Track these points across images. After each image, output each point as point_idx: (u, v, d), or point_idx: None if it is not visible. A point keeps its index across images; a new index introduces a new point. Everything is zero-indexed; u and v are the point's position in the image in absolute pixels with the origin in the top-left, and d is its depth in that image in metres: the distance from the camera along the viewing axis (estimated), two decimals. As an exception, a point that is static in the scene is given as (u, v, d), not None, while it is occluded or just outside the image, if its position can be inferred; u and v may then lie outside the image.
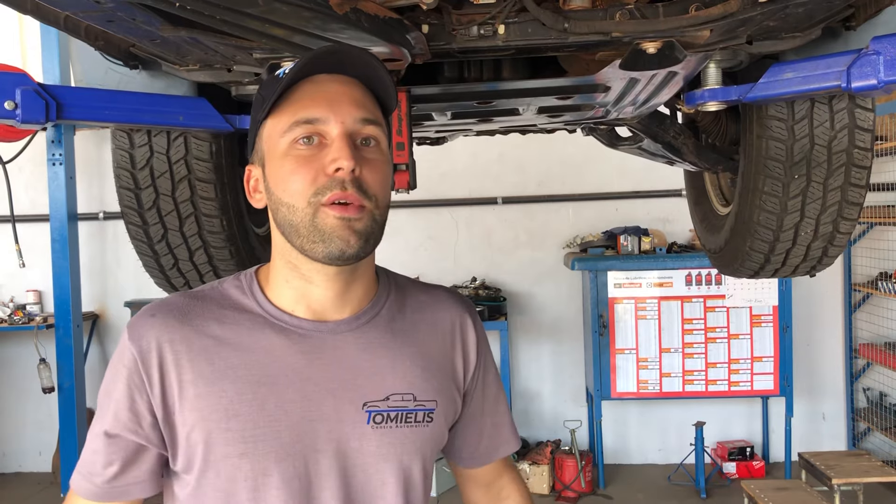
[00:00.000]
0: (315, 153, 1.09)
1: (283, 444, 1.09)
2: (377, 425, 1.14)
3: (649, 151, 2.75)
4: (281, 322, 1.14)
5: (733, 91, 1.82)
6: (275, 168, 1.12)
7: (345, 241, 1.08)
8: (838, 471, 4.24)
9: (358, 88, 1.13)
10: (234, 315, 1.15)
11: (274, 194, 1.13)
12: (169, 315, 1.14)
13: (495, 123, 2.34)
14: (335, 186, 1.07)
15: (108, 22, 1.41)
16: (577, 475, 5.46)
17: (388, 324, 1.20)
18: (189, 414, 1.09)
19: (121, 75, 1.96)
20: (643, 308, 5.52)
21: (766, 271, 2.50)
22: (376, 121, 1.12)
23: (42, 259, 5.60)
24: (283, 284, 1.16)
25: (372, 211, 1.10)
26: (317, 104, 1.09)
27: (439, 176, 5.87)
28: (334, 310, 1.16)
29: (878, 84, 1.55)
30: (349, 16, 1.26)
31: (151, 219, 2.24)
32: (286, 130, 1.10)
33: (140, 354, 1.11)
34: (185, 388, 1.10)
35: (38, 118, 1.64)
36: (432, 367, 1.21)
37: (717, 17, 1.41)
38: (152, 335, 1.12)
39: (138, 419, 1.11)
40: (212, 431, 1.09)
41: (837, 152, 2.14)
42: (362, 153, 1.10)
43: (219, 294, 1.18)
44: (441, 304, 1.28)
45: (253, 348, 1.12)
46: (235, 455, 1.08)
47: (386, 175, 1.14)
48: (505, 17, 1.47)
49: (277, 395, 1.10)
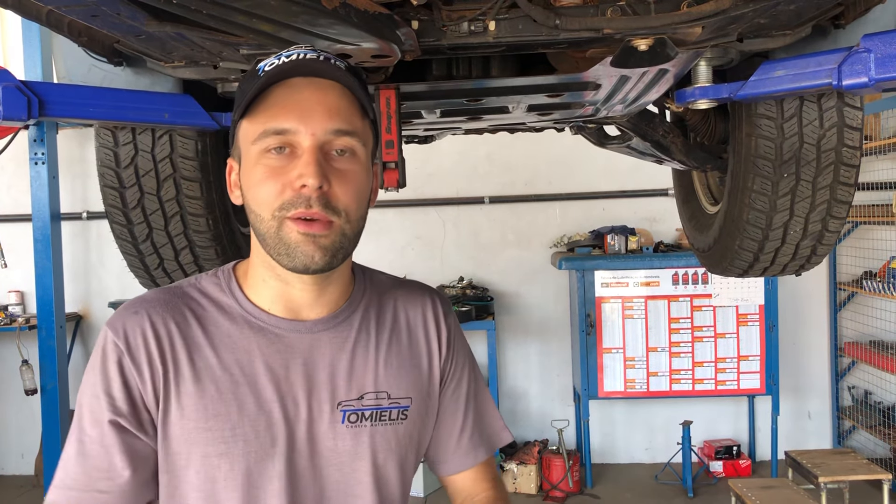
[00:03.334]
0: (285, 164, 1.07)
1: (262, 444, 1.09)
2: (352, 424, 1.14)
3: (638, 150, 2.74)
4: (259, 321, 1.14)
5: (724, 89, 1.81)
6: (246, 173, 1.12)
7: (308, 256, 1.07)
8: (824, 469, 4.25)
9: (334, 94, 1.10)
10: (214, 313, 1.15)
11: (246, 198, 1.13)
12: (153, 311, 1.13)
13: (484, 121, 2.32)
14: (300, 203, 1.06)
15: (91, 17, 1.38)
16: (564, 475, 5.46)
17: (364, 322, 1.20)
18: (173, 412, 1.09)
19: (105, 72, 1.93)
20: (630, 307, 5.52)
21: (755, 270, 2.50)
22: (352, 131, 1.10)
23: (24, 259, 5.54)
24: (260, 283, 1.16)
25: (341, 226, 1.09)
26: (289, 113, 1.07)
27: (427, 175, 5.85)
28: (311, 309, 1.16)
29: (869, 82, 1.54)
30: (338, 11, 1.24)
31: (136, 218, 2.22)
32: (257, 138, 1.09)
33: (129, 351, 1.10)
34: (170, 385, 1.10)
35: (20, 115, 1.61)
36: (406, 364, 1.22)
37: (708, 14, 1.40)
38: (138, 332, 1.11)
39: (135, 409, 1.10)
40: (191, 431, 1.09)
41: (826, 150, 2.14)
42: (334, 165, 1.08)
43: (197, 290, 1.17)
44: (413, 298, 1.28)
45: (233, 348, 1.12)
46: (215, 455, 1.08)
47: (359, 186, 1.11)
48: (496, 14, 1.46)
49: (256, 395, 1.10)
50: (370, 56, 1.46)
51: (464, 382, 1.31)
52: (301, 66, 1.09)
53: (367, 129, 1.14)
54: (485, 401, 1.35)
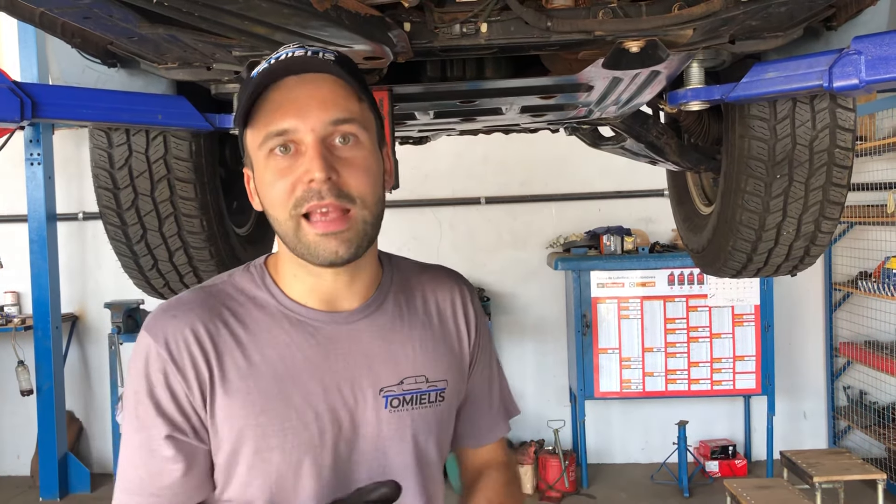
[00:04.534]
0: (292, 163, 1.09)
1: (311, 435, 1.12)
2: (394, 409, 1.17)
3: (632, 151, 2.75)
4: (298, 315, 1.16)
5: (716, 90, 1.82)
6: (259, 179, 1.13)
7: (332, 252, 1.09)
8: (819, 469, 4.26)
9: (327, 85, 1.11)
10: (252, 310, 1.16)
11: (263, 204, 1.15)
12: (191, 313, 1.13)
13: (478, 123, 2.33)
14: (312, 197, 1.07)
15: (84, 19, 1.38)
16: (560, 475, 5.47)
17: (396, 308, 1.23)
18: (220, 412, 1.11)
19: (99, 73, 1.94)
20: (626, 308, 5.53)
21: (748, 271, 2.51)
22: (351, 118, 1.10)
23: (20, 260, 5.53)
24: (292, 278, 1.17)
25: (359, 213, 1.10)
26: (285, 114, 1.09)
27: (423, 176, 5.85)
28: (345, 299, 1.18)
29: (859, 84, 1.55)
30: (329, 13, 1.25)
31: (130, 219, 2.22)
32: (261, 143, 1.10)
33: (171, 356, 1.10)
34: (216, 386, 1.11)
35: (13, 117, 1.61)
36: (440, 346, 1.24)
37: (699, 16, 1.41)
38: (179, 336, 1.11)
39: (188, 420, 1.11)
40: (242, 428, 1.10)
41: (819, 152, 2.15)
42: (339, 154, 1.10)
43: (233, 287, 1.18)
44: (441, 282, 1.31)
45: (274, 343, 1.14)
46: (266, 450, 1.10)
47: (371, 169, 1.12)
48: (488, 16, 1.47)
49: (301, 388, 1.12)
50: (362, 58, 1.47)
51: (490, 362, 1.35)
52: (289, 65, 1.10)
53: (367, 113, 1.15)
54: (503, 376, 1.40)
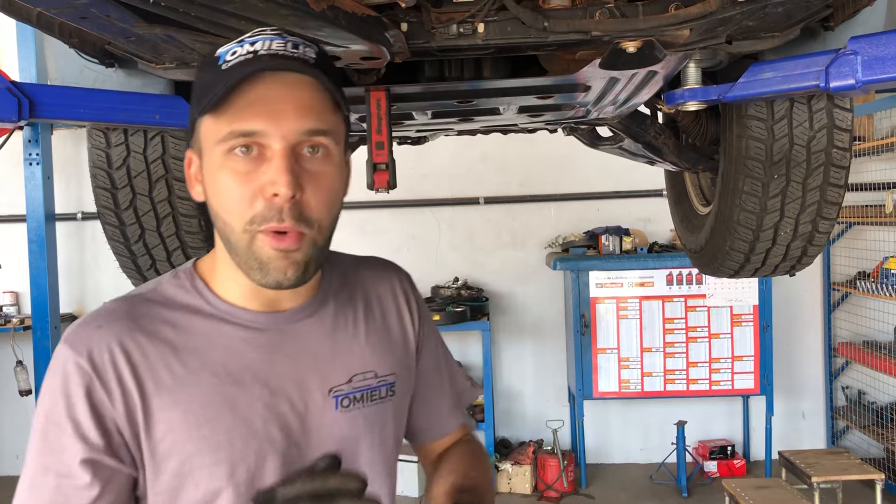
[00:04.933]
0: (253, 168, 1.01)
1: (260, 443, 1.05)
2: (345, 409, 1.12)
3: (630, 151, 2.75)
4: (236, 318, 1.09)
5: (713, 90, 1.82)
6: (210, 175, 1.04)
7: (282, 272, 1.02)
8: (818, 469, 4.27)
9: (307, 90, 1.03)
10: (185, 317, 1.08)
11: (211, 202, 1.06)
12: (116, 323, 1.04)
13: (476, 123, 2.33)
14: (272, 217, 1.00)
15: (81, 19, 1.38)
16: (559, 475, 5.47)
17: (338, 304, 1.18)
18: (156, 428, 1.02)
19: (96, 73, 1.93)
20: (624, 308, 5.53)
21: (746, 271, 2.51)
22: (325, 129, 1.03)
23: (19, 260, 5.53)
24: (230, 281, 1.10)
25: (313, 238, 1.03)
26: (257, 114, 1.00)
27: (421, 176, 5.85)
28: (286, 299, 1.12)
29: (855, 84, 1.55)
30: (326, 13, 1.25)
31: (128, 219, 2.22)
32: (222, 139, 1.01)
33: (94, 370, 1.01)
34: (149, 400, 1.02)
35: (10, 116, 1.61)
36: (386, 340, 1.21)
37: (696, 17, 1.41)
38: (104, 347, 1.02)
39: (109, 439, 1.01)
40: (184, 442, 1.02)
41: (816, 152, 2.15)
42: (306, 166, 1.02)
43: (160, 297, 1.09)
44: (379, 274, 1.28)
45: (212, 349, 1.06)
46: (211, 463, 1.03)
47: (333, 190, 1.06)
48: (485, 16, 1.47)
49: (246, 394, 1.05)
50: (359, 58, 1.47)
51: (436, 350, 1.32)
52: (269, 60, 1.01)
53: (340, 124, 1.08)
54: (452, 363, 1.37)
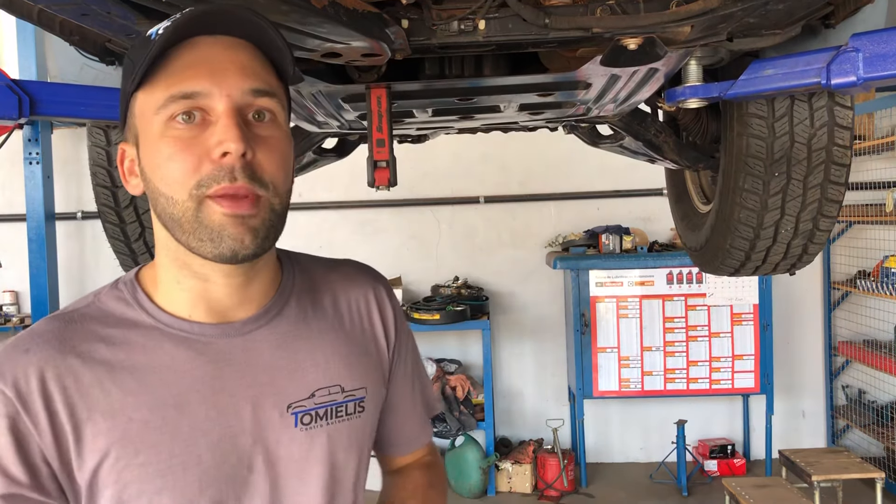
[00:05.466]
0: (197, 134, 0.93)
1: (206, 468, 0.96)
2: (306, 426, 1.03)
3: (630, 149, 2.75)
4: (179, 331, 1.00)
5: (714, 88, 1.82)
6: (150, 151, 0.96)
7: (237, 240, 0.93)
8: (818, 468, 4.27)
9: (247, 52, 0.96)
10: (123, 332, 0.99)
11: (151, 182, 0.97)
12: (46, 346, 0.96)
13: (477, 121, 2.33)
14: (223, 177, 0.91)
15: (82, 16, 1.38)
16: (559, 474, 5.47)
17: (300, 312, 1.08)
18: (90, 456, 0.94)
19: (97, 71, 1.93)
20: (625, 307, 5.53)
21: (746, 269, 2.51)
22: (271, 91, 0.97)
23: (19, 259, 5.54)
24: (174, 287, 1.01)
25: (269, 200, 0.95)
26: (197, 74, 0.93)
27: (422, 175, 5.86)
28: (238, 307, 1.03)
29: (857, 81, 1.55)
30: (327, 10, 1.25)
31: (129, 217, 2.23)
32: (161, 106, 0.94)
33: (20, 398, 0.92)
34: (81, 427, 0.94)
35: (11, 114, 1.62)
36: (355, 351, 1.10)
37: (697, 14, 1.41)
38: (31, 373, 0.93)
39: (34, 473, 0.93)
40: (121, 471, 0.94)
41: (817, 150, 2.15)
42: (255, 131, 0.95)
43: (98, 311, 1.01)
44: (352, 280, 1.16)
45: (152, 367, 0.97)
46: (152, 492, 0.94)
47: (285, 154, 0.98)
48: (485, 13, 1.47)
49: (190, 416, 0.96)
50: (360, 55, 1.47)
51: (410, 362, 1.23)
52: (203, 22, 0.94)
53: (283, 90, 1.01)
54: (424, 373, 1.29)
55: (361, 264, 1.23)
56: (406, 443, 1.27)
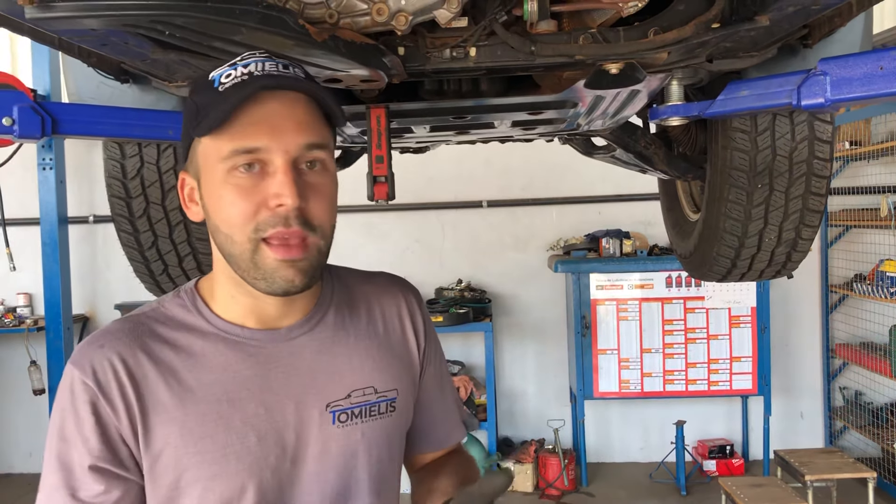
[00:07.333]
0: (256, 183, 1.04)
1: (255, 459, 1.08)
2: (342, 424, 1.14)
3: (622, 160, 2.85)
4: (233, 336, 1.12)
5: (694, 107, 1.91)
6: (212, 192, 1.07)
7: (288, 281, 1.06)
8: (811, 468, 4.35)
9: (302, 107, 1.07)
10: (184, 335, 1.12)
11: (212, 218, 1.09)
12: (118, 343, 1.09)
13: (472, 135, 2.43)
14: (278, 223, 1.04)
15: (101, 45, 1.49)
16: (560, 473, 5.56)
17: (338, 320, 1.20)
18: (154, 444, 1.06)
19: (112, 89, 2.03)
20: (624, 309, 5.62)
21: (733, 276, 2.60)
22: (323, 143, 1.08)
23: (33, 262, 5.65)
24: (229, 300, 1.14)
25: (317, 243, 1.08)
26: (259, 131, 1.04)
27: (426, 180, 5.95)
28: (284, 316, 1.15)
29: (825, 102, 1.65)
30: (328, 42, 1.34)
31: (142, 226, 2.32)
32: (226, 157, 1.05)
33: (99, 387, 1.06)
34: (149, 416, 1.06)
35: (35, 133, 1.71)
36: (387, 355, 1.22)
37: (672, 42, 1.50)
38: (107, 366, 1.07)
39: (115, 451, 1.06)
40: (181, 457, 1.06)
41: (798, 162, 2.24)
42: (307, 179, 1.06)
43: (162, 315, 1.14)
44: (385, 290, 1.28)
45: (209, 367, 1.10)
46: (207, 478, 1.06)
47: (332, 198, 1.11)
48: (476, 41, 1.56)
49: (241, 411, 1.09)
50: (359, 80, 1.57)
51: (441, 367, 1.34)
52: (267, 82, 1.05)
53: (331, 136, 1.13)
54: (452, 382, 1.39)
55: (394, 276, 1.35)
56: (438, 440, 1.36)
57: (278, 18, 1.26)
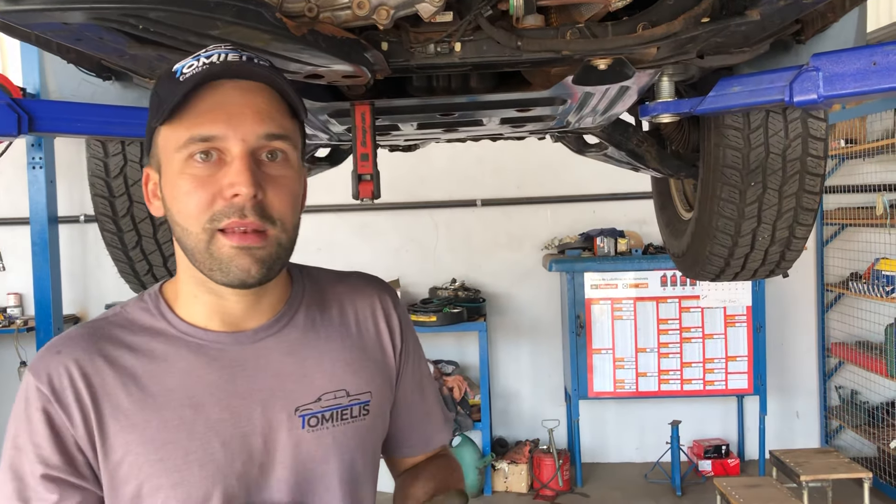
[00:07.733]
0: (212, 172, 1.02)
1: (219, 465, 1.05)
2: (312, 428, 1.10)
3: (615, 158, 2.82)
4: (197, 339, 1.09)
5: (685, 104, 1.88)
6: (170, 183, 1.05)
7: (244, 270, 1.02)
8: (807, 468, 4.33)
9: (263, 96, 1.05)
10: (146, 340, 1.09)
11: (170, 211, 1.06)
12: (76, 349, 1.07)
13: (461, 133, 2.40)
14: (233, 213, 1.01)
15: (76, 41, 1.45)
16: (554, 474, 5.54)
17: (308, 321, 1.16)
18: (113, 452, 1.03)
19: (94, 87, 2.00)
20: (619, 308, 5.60)
21: (726, 275, 2.57)
22: (284, 134, 1.05)
23: (23, 262, 5.62)
24: (192, 300, 1.11)
25: (277, 236, 1.04)
26: (216, 118, 1.02)
27: (419, 179, 5.92)
28: (250, 318, 1.12)
29: (818, 99, 1.61)
30: (307, 37, 1.31)
31: (126, 226, 2.29)
32: (182, 146, 1.03)
33: (54, 394, 1.04)
34: (107, 423, 1.04)
35: (10, 131, 1.68)
36: (360, 357, 1.18)
37: (660, 37, 1.47)
38: (62, 372, 1.04)
39: (70, 459, 1.04)
40: (142, 465, 1.03)
41: (791, 160, 2.22)
42: (266, 171, 1.04)
43: (124, 320, 1.11)
44: (359, 290, 1.24)
45: (171, 372, 1.07)
46: (169, 486, 1.03)
47: (294, 192, 1.07)
48: (461, 35, 1.52)
49: (205, 416, 1.05)
50: (341, 76, 1.53)
51: (421, 368, 1.31)
52: (225, 69, 1.03)
53: (297, 131, 1.10)
54: (433, 383, 1.36)
55: (369, 275, 1.31)
56: (419, 443, 1.33)
57: (255, 12, 1.22)
